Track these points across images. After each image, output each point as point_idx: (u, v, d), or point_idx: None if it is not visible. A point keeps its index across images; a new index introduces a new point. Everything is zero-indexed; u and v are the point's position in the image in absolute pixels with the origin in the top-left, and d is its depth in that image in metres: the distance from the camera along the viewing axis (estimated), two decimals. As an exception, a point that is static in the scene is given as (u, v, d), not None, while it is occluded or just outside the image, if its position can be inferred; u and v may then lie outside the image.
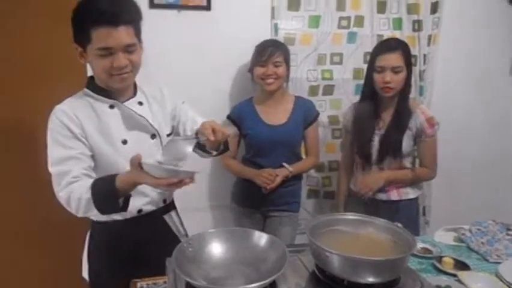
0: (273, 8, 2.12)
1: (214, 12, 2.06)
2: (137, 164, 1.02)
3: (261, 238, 1.19)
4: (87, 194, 1.10)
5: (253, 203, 2.02)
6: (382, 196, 1.89)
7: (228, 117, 2.03)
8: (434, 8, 2.31)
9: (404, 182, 1.89)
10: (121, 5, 1.16)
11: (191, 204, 1.57)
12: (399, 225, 1.28)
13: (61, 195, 1.15)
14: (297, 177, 2.02)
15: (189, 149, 1.11)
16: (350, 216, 1.33)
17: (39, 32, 1.84)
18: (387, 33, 2.26)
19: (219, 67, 2.11)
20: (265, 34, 2.09)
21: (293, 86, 2.19)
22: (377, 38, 2.24)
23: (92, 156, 1.24)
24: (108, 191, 1.09)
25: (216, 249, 1.16)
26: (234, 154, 2.03)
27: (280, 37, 2.11)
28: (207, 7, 2.05)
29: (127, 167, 1.24)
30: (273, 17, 2.13)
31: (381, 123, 1.86)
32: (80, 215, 1.16)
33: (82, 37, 1.18)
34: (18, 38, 1.83)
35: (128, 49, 1.20)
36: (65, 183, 1.15)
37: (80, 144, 1.21)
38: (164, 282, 1.21)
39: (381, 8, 2.26)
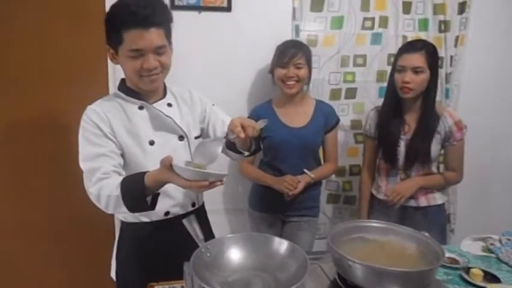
0: (294, 9, 2.08)
1: (234, 13, 2.04)
2: (168, 165, 1.01)
3: (281, 245, 1.16)
4: (116, 191, 1.10)
5: (271, 208, 1.99)
6: (411, 202, 1.84)
7: (247, 119, 2.00)
8: (462, 8, 2.23)
9: (435, 187, 1.85)
10: (152, 8, 1.18)
11: (207, 206, 1.55)
12: (426, 234, 1.23)
13: (91, 191, 1.17)
14: (317, 182, 1.98)
15: (218, 150, 1.09)
16: (374, 223, 1.29)
17: (65, 35, 1.87)
18: (412, 35, 2.19)
19: (239, 68, 2.09)
20: (286, 35, 2.05)
21: (314, 89, 2.15)
22: (402, 39, 2.18)
23: (122, 155, 1.27)
24: (137, 189, 1.08)
25: (235, 255, 1.13)
26: (252, 159, 1.99)
27: (303, 38, 2.07)
28: (228, 8, 2.03)
29: (154, 168, 1.26)
30: (294, 18, 2.09)
31: (406, 127, 1.81)
32: (110, 211, 1.17)
33: (114, 39, 1.21)
34: (45, 41, 1.86)
35: (159, 51, 1.23)
36: (95, 179, 1.16)
37: (109, 142, 1.24)
38: (182, 286, 1.19)
39: (407, 8, 2.19)
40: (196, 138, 1.41)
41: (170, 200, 1.35)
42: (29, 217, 1.99)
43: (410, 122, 1.81)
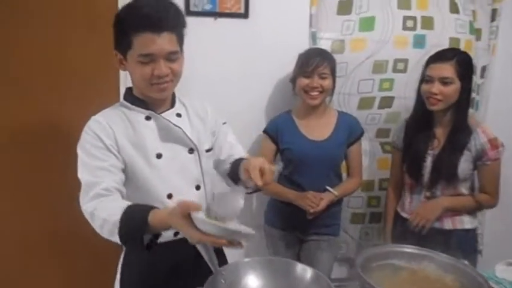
0: (311, 16, 1.98)
1: (252, 20, 1.96)
2: (186, 213, 0.87)
3: (304, 272, 1.05)
4: (115, 217, 0.97)
5: (288, 226, 1.87)
6: (434, 224, 1.68)
7: (265, 131, 1.90)
8: (493, 16, 2.10)
9: (463, 210, 1.68)
10: (165, 11, 1.10)
11: (220, 223, 1.45)
12: (466, 262, 1.10)
13: (86, 207, 1.05)
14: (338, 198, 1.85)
15: (241, 202, 0.98)
16: (406, 248, 1.17)
17: (75, 40, 1.81)
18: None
19: (256, 77, 2.00)
20: (303, 43, 1.96)
21: (340, 98, 2.02)
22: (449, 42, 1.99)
23: (124, 170, 1.16)
24: (137, 224, 0.95)
25: (252, 282, 1.04)
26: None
27: (325, 45, 1.95)
28: (245, 15, 1.95)
29: (161, 184, 1.18)
30: (311, 25, 1.99)
31: (435, 142, 1.68)
32: (104, 236, 1.05)
33: (123, 43, 1.13)
34: (54, 47, 1.81)
35: (171, 57, 1.14)
36: (93, 194, 1.05)
37: (111, 156, 1.14)
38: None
39: (454, 8, 2.02)
40: (208, 151, 1.32)
41: None
42: (28, 227, 1.92)
43: (439, 136, 1.68)
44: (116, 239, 0.98)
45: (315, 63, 1.72)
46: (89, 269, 1.95)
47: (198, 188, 1.28)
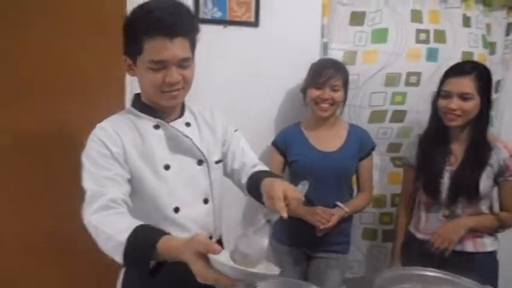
0: (322, 26, 1.93)
1: (262, 29, 1.91)
2: (202, 253, 0.78)
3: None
4: (121, 236, 0.90)
5: (296, 242, 1.80)
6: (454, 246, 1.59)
7: (273, 143, 1.84)
8: (508, 30, 2.05)
9: (486, 230, 1.60)
10: (179, 15, 1.05)
11: (227, 238, 1.38)
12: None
13: (90, 220, 0.97)
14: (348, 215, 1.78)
15: (265, 242, 0.89)
16: (426, 272, 1.10)
17: (80, 42, 1.76)
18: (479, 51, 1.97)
19: (265, 87, 1.94)
20: (314, 53, 1.91)
21: (351, 110, 1.96)
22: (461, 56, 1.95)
23: (130, 181, 1.10)
24: (144, 248, 0.87)
25: None
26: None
27: (337, 56, 1.90)
28: (255, 23, 1.90)
29: (168, 197, 1.12)
30: (322, 35, 1.94)
31: (452, 158, 1.61)
32: (104, 251, 0.97)
33: (132, 47, 1.08)
34: (58, 49, 1.75)
35: (183, 64, 1.09)
36: (98, 206, 0.98)
37: (117, 165, 1.07)
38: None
39: (467, 22, 1.98)
40: (217, 163, 1.26)
41: (185, 233, 1.16)
42: (30, 229, 1.85)
43: (456, 152, 1.61)
44: (118, 259, 0.91)
45: (327, 74, 1.67)
46: (91, 272, 1.84)
47: (206, 201, 1.22)
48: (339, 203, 1.73)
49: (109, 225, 0.94)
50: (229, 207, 1.42)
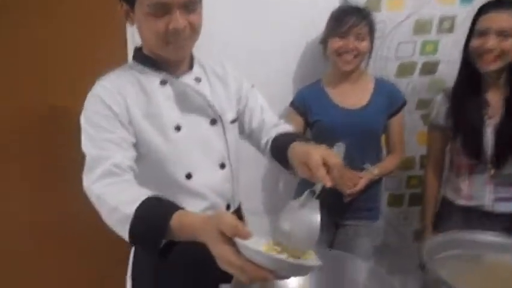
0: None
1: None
2: (227, 236, 0.63)
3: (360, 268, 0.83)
4: (128, 208, 0.76)
5: (322, 208, 1.64)
6: (502, 206, 1.42)
7: (292, 104, 1.67)
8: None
9: None
10: None
11: (245, 206, 1.26)
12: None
13: (92, 188, 0.84)
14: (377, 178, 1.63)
15: (317, 219, 0.74)
16: (484, 235, 0.94)
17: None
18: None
19: (281, 41, 1.74)
20: (335, 1, 1.69)
21: (376, 63, 1.76)
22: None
23: (135, 145, 0.96)
24: (155, 224, 0.74)
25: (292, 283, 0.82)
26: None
27: (358, 2, 1.66)
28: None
29: (178, 162, 0.99)
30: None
31: (490, 110, 1.42)
32: (109, 224, 0.83)
33: None
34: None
35: (189, 7, 0.93)
36: (100, 172, 0.85)
37: (120, 127, 0.94)
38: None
39: None
40: (232, 122, 1.11)
41: (202, 202, 1.04)
42: (38, 217, 1.76)
43: (494, 103, 1.42)
44: (124, 234, 0.77)
45: (351, 21, 1.47)
46: (99, 260, 1.79)
47: (222, 166, 1.08)
48: (366, 165, 1.57)
49: (114, 195, 0.81)
50: (246, 172, 1.28)
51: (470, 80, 1.44)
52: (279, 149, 1.03)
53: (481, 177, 1.45)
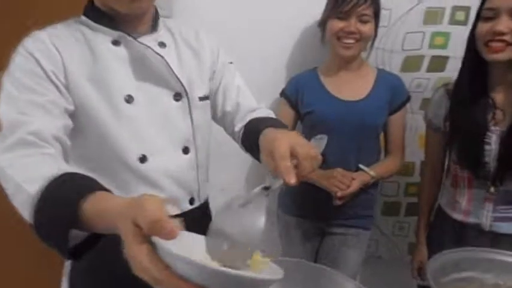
0: None
1: None
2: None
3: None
4: (33, 186, 0.58)
5: (307, 212, 1.47)
6: (503, 227, 1.22)
7: (282, 93, 1.49)
8: None
9: None
10: None
11: (215, 204, 1.07)
12: None
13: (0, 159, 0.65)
14: (373, 182, 1.45)
15: (261, 221, 0.56)
16: (494, 254, 0.77)
17: None
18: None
19: (273, 24, 1.55)
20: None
21: (378, 55, 1.58)
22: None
23: (73, 115, 0.78)
24: (62, 206, 0.55)
25: None
26: None
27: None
28: None
29: (131, 140, 0.83)
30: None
31: (498, 114, 1.20)
32: (15, 205, 0.63)
33: None
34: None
35: None
36: (14, 141, 0.66)
37: (52, 89, 0.76)
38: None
39: None
40: (202, 99, 0.93)
41: (158, 192, 0.86)
42: None
43: (501, 105, 1.20)
44: (29, 219, 0.58)
45: (353, 0, 1.30)
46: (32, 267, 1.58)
47: (186, 151, 0.89)
48: (362, 166, 1.39)
49: (21, 170, 0.62)
50: (228, 162, 1.10)
51: (475, 76, 1.22)
52: (251, 137, 0.85)
53: (480, 193, 1.24)
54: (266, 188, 0.61)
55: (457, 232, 1.29)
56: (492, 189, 1.21)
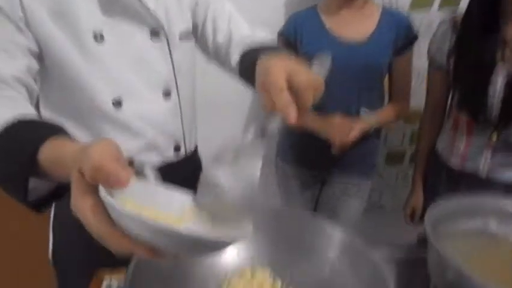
0: None
1: None
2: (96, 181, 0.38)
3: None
4: None
5: (308, 162, 1.41)
6: (500, 175, 1.15)
7: (280, 33, 1.38)
8: None
9: None
10: None
11: (206, 153, 1.01)
12: None
13: None
14: (376, 130, 1.38)
15: (256, 171, 0.47)
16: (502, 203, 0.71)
17: None
18: None
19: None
20: None
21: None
22: None
23: (38, 56, 0.71)
24: (19, 152, 0.50)
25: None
26: None
27: None
28: None
29: (102, 82, 0.75)
30: None
31: (507, 51, 1.08)
32: None
33: None
34: None
35: None
36: None
37: (11, 28, 0.67)
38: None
39: None
40: (183, 37, 0.83)
41: (136, 139, 0.80)
42: None
43: None
44: None
45: None
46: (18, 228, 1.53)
47: (167, 94, 0.82)
48: (364, 110, 1.31)
49: None
50: (223, 108, 1.02)
51: (485, 8, 1.08)
52: (249, 68, 0.73)
53: (480, 140, 1.15)
54: (262, 130, 0.51)
55: (452, 180, 1.22)
56: (494, 136, 1.12)
